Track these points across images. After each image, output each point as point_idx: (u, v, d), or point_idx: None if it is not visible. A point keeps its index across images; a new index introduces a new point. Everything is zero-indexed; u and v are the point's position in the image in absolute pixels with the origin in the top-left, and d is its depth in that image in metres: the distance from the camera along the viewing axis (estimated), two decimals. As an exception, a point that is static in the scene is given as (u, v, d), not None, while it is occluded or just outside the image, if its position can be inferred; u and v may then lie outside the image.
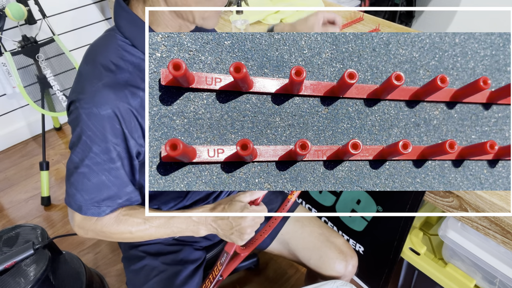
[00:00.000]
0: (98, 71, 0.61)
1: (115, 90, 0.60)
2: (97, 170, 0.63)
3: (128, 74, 0.61)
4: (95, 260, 1.46)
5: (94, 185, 0.64)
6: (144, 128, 0.63)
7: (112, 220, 0.68)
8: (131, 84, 0.61)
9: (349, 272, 0.89)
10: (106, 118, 0.60)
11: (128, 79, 0.61)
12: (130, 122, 0.61)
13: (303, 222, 0.92)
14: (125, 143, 0.63)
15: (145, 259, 0.85)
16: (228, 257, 0.81)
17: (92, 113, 0.60)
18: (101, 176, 0.64)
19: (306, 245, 0.90)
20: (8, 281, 0.90)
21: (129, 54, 0.62)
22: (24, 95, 1.63)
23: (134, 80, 0.62)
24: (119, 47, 0.62)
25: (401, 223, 0.97)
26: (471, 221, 0.80)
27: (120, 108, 0.60)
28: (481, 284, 0.96)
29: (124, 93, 0.60)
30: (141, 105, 0.62)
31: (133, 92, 0.61)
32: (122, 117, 0.60)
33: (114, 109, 0.59)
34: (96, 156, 0.63)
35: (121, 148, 0.63)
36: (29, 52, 1.63)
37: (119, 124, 0.61)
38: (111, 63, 0.61)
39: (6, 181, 1.84)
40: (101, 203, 0.66)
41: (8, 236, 1.02)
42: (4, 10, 1.51)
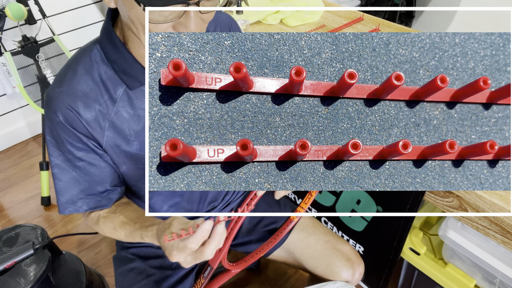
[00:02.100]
0: (63, 76, 0.64)
1: (69, 98, 0.62)
2: (67, 167, 0.67)
3: (88, 87, 0.63)
4: (95, 260, 1.46)
5: (65, 184, 0.68)
6: (98, 139, 0.66)
7: (95, 219, 0.72)
8: (89, 97, 0.63)
9: (355, 280, 0.88)
10: (60, 124, 0.64)
11: (86, 92, 0.63)
12: (80, 128, 0.64)
13: (308, 230, 0.91)
14: (84, 143, 0.66)
15: (134, 262, 0.85)
16: (212, 271, 0.79)
17: (49, 117, 0.64)
18: (71, 173, 0.68)
19: (312, 254, 0.88)
20: (8, 281, 0.90)
21: (98, 68, 0.64)
22: (24, 95, 1.63)
23: (94, 94, 0.64)
24: (91, 59, 0.64)
25: (401, 223, 0.97)
26: (471, 221, 0.80)
27: (68, 117, 0.63)
28: (481, 284, 0.96)
29: (77, 104, 0.63)
30: (95, 120, 0.64)
31: (88, 104, 0.63)
32: (70, 124, 0.63)
33: (65, 116, 0.63)
34: (60, 156, 0.67)
35: (84, 147, 0.66)
36: (29, 52, 1.63)
37: (73, 128, 0.64)
38: (76, 72, 0.64)
39: (6, 181, 1.84)
40: (76, 200, 0.70)
41: (8, 236, 1.02)
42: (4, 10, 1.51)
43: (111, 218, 0.71)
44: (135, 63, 0.63)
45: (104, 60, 0.64)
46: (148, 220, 0.66)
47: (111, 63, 0.63)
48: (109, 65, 0.64)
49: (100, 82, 0.64)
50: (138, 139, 0.68)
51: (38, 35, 1.66)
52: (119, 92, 0.65)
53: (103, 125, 0.65)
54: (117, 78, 0.64)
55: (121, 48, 0.63)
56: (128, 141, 0.67)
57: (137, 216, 0.69)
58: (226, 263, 0.80)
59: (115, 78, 0.64)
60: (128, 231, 0.67)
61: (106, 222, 0.71)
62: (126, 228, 0.68)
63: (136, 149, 0.69)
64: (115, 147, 0.67)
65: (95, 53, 0.64)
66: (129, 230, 0.67)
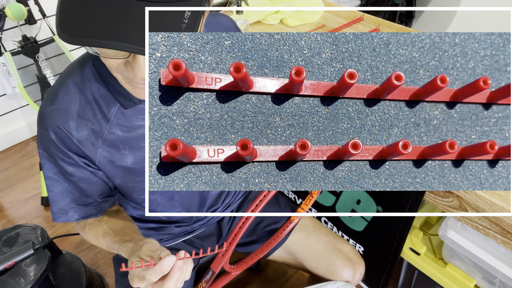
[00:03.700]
0: (56, 93, 0.63)
1: (60, 119, 0.62)
2: (59, 179, 0.67)
3: (81, 106, 0.62)
4: (95, 260, 1.47)
5: (57, 195, 0.68)
6: (91, 157, 0.66)
7: (81, 225, 0.73)
8: (81, 116, 0.63)
9: (356, 280, 0.89)
10: (52, 142, 0.63)
11: (79, 111, 0.62)
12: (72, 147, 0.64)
13: (309, 231, 0.91)
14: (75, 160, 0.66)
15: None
16: (214, 276, 0.79)
17: (41, 133, 0.64)
18: (63, 184, 0.68)
19: (313, 254, 0.88)
20: (8, 281, 0.90)
21: (91, 86, 0.63)
22: (24, 95, 1.63)
23: (86, 113, 0.63)
24: (83, 76, 0.63)
25: (401, 223, 0.97)
26: (471, 221, 0.80)
27: (60, 136, 0.63)
28: (481, 284, 0.96)
29: (68, 124, 0.62)
30: (87, 139, 0.63)
31: (80, 124, 0.63)
32: (62, 143, 0.63)
33: (57, 135, 0.63)
34: (52, 169, 0.67)
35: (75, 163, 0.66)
36: (29, 52, 1.63)
37: (64, 147, 0.64)
38: (69, 89, 0.63)
39: (6, 181, 1.84)
40: (68, 209, 0.70)
41: (8, 236, 1.02)
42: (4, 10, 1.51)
43: (96, 226, 0.71)
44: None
45: (97, 79, 0.62)
46: (128, 234, 0.66)
47: (105, 83, 0.62)
48: (102, 83, 0.62)
49: (93, 100, 0.63)
50: (132, 153, 0.67)
51: (38, 35, 1.66)
52: (113, 110, 0.64)
53: (96, 143, 0.64)
54: (110, 96, 0.63)
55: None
56: (122, 155, 0.67)
57: (120, 228, 0.68)
58: (228, 266, 0.79)
59: (109, 96, 0.63)
60: (108, 242, 0.67)
61: (91, 229, 0.71)
62: (107, 239, 0.67)
63: (131, 163, 0.68)
64: (109, 163, 0.67)
65: (88, 71, 0.63)
66: (109, 242, 0.66)
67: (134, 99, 0.64)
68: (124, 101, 0.63)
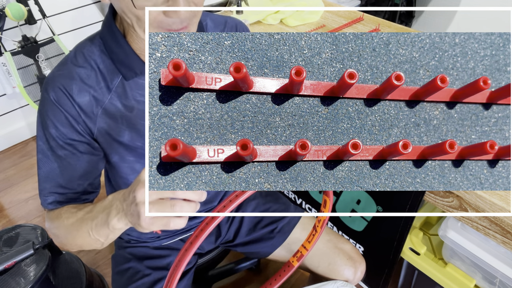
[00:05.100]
0: (64, 62, 0.66)
1: (64, 80, 0.63)
2: (50, 156, 0.67)
3: (85, 72, 0.65)
4: (95, 260, 1.47)
5: (44, 174, 0.68)
6: (90, 126, 0.66)
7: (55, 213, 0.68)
8: (84, 81, 0.64)
9: (357, 278, 0.89)
10: (50, 103, 0.64)
11: (83, 77, 0.64)
12: (71, 111, 0.64)
13: (310, 230, 0.91)
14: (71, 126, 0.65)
15: (131, 262, 0.84)
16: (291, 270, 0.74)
17: (42, 96, 0.65)
18: (53, 164, 0.67)
19: (313, 253, 0.89)
20: (8, 281, 0.90)
21: (97, 57, 0.66)
22: (24, 95, 1.63)
23: (90, 79, 0.65)
24: (92, 48, 0.66)
25: (401, 223, 0.97)
26: (471, 221, 0.80)
27: (60, 97, 0.63)
28: (481, 284, 0.96)
29: (71, 86, 0.63)
30: (88, 105, 0.64)
31: (82, 88, 0.64)
32: (60, 105, 0.63)
33: (57, 95, 0.63)
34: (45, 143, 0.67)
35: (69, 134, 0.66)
36: (29, 52, 1.63)
37: (62, 108, 0.64)
38: (77, 59, 0.66)
39: (6, 181, 1.84)
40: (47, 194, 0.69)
41: (8, 236, 1.02)
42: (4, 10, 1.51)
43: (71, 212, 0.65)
44: (132, 55, 0.65)
45: (103, 51, 0.66)
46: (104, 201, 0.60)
47: (110, 54, 0.65)
48: (107, 55, 0.66)
49: (98, 70, 0.66)
50: (129, 129, 0.69)
51: (38, 35, 1.66)
52: (115, 82, 0.66)
53: (96, 111, 0.66)
54: (114, 68, 0.66)
55: (120, 40, 0.64)
56: (120, 130, 0.68)
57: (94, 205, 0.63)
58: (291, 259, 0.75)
59: (113, 68, 0.66)
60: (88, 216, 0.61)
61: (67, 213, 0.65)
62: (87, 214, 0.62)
63: (128, 140, 0.69)
64: (106, 135, 0.68)
65: (96, 43, 0.66)
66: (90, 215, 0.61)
67: (135, 69, 0.66)
68: (127, 71, 0.66)
